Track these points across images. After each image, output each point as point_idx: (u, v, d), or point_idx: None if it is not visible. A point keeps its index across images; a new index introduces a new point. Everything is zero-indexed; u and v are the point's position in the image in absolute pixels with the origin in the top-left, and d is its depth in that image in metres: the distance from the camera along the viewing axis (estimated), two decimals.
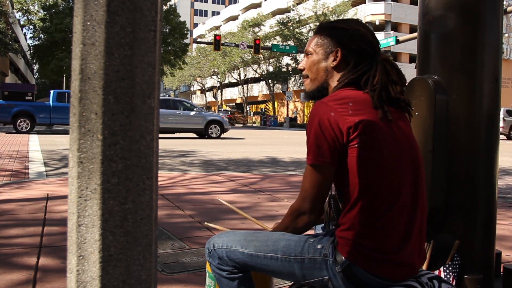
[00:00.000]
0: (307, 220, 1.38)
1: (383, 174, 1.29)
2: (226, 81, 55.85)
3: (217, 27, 69.02)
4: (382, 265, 1.29)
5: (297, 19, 40.02)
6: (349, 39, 1.43)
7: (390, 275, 1.30)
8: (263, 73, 45.23)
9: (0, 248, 2.91)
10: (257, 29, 43.63)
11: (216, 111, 46.81)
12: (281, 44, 35.28)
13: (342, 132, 1.28)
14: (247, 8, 61.74)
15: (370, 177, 1.29)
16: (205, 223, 2.05)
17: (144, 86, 0.86)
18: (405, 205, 1.31)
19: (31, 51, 37.40)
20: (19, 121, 17.21)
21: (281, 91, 45.61)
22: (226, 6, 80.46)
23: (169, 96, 77.38)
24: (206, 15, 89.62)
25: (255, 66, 46.12)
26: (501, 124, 21.73)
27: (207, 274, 1.69)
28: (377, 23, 41.45)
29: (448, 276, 1.89)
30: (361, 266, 1.29)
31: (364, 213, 1.29)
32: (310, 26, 39.42)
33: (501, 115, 21.50)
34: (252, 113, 53.65)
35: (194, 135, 18.94)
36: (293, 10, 43.13)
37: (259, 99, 53.75)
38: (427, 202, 1.43)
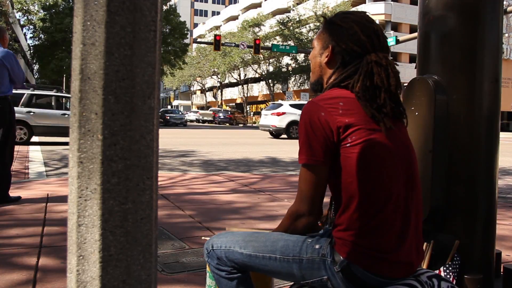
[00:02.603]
0: (306, 222, 1.37)
1: (375, 173, 1.29)
2: (226, 81, 55.88)
3: (217, 27, 69.03)
4: (380, 264, 1.29)
5: (297, 19, 40.05)
6: (340, 37, 1.40)
7: (388, 273, 1.30)
8: (263, 73, 45.25)
9: (0, 248, 2.91)
10: (257, 29, 43.65)
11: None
12: (281, 44, 35.29)
13: (333, 131, 1.28)
14: (247, 8, 61.75)
15: (362, 176, 1.29)
16: (202, 237, 2.03)
17: (144, 86, 0.86)
18: (398, 204, 1.31)
19: (31, 51, 37.42)
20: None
21: (281, 91, 45.61)
22: (226, 6, 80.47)
23: (169, 96, 77.44)
24: (206, 15, 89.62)
25: (255, 66, 46.14)
26: None
27: (207, 274, 1.69)
28: (377, 23, 41.45)
29: (448, 276, 1.89)
30: (360, 265, 1.29)
31: (358, 212, 1.29)
32: (310, 26, 39.44)
33: None
34: (252, 113, 53.64)
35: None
36: (293, 10, 43.17)
37: (259, 99, 53.74)
38: (422, 201, 1.43)
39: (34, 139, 13.09)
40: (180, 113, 37.15)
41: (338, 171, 1.31)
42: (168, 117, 33.09)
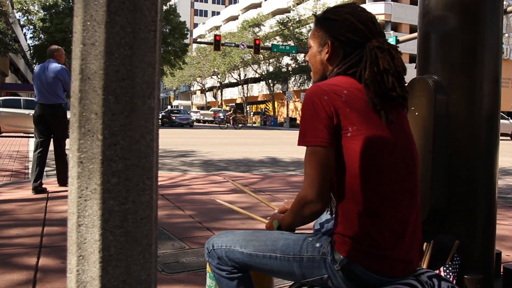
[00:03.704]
0: (313, 209, 1.33)
1: (377, 170, 1.29)
2: (226, 81, 55.85)
3: (217, 27, 69.00)
4: (380, 261, 1.29)
5: (297, 19, 40.03)
6: (337, 30, 1.40)
7: (388, 271, 1.30)
8: (263, 73, 45.23)
9: (0, 248, 2.91)
10: (257, 29, 43.62)
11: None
12: (281, 44, 35.28)
13: (333, 114, 1.28)
14: (247, 8, 61.73)
15: (363, 173, 1.28)
16: (214, 198, 2.04)
17: (144, 86, 0.86)
18: (399, 201, 1.31)
19: (31, 51, 37.40)
20: None
21: (281, 91, 45.60)
22: (226, 6, 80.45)
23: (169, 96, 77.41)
24: (206, 15, 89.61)
25: (255, 66, 46.11)
26: None
27: (208, 274, 1.69)
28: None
29: (448, 276, 1.89)
30: (360, 263, 1.29)
31: (358, 211, 1.29)
32: (310, 26, 39.39)
33: None
34: (252, 113, 53.63)
35: None
36: (293, 10, 43.14)
37: (259, 99, 53.74)
38: (420, 199, 1.43)
39: None
40: (188, 113, 36.64)
41: (340, 169, 1.31)
42: (174, 117, 32.54)
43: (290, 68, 42.06)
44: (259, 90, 53.07)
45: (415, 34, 13.58)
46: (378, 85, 1.32)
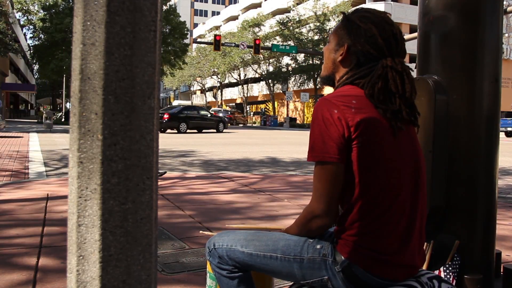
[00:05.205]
0: (321, 223, 1.32)
1: (383, 174, 1.28)
2: (226, 81, 55.84)
3: (217, 27, 69.00)
4: (382, 265, 1.28)
5: (297, 19, 40.04)
6: (357, 37, 1.38)
7: (390, 275, 1.29)
8: (263, 73, 45.23)
9: (0, 248, 2.91)
10: (257, 29, 43.63)
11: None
12: (281, 44, 35.28)
13: (345, 129, 1.26)
14: (247, 8, 61.73)
15: (369, 177, 1.28)
16: (200, 231, 2.04)
17: (144, 86, 0.86)
18: (404, 206, 1.31)
19: (31, 51, 37.43)
20: None
21: (281, 91, 45.61)
22: (226, 6, 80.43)
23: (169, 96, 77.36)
24: (206, 15, 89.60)
25: (255, 66, 46.12)
26: None
27: (208, 274, 1.69)
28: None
29: (448, 276, 1.89)
30: (361, 265, 1.28)
31: (362, 214, 1.28)
32: (310, 26, 39.43)
33: None
34: (252, 113, 53.63)
35: None
36: (293, 10, 43.15)
37: (259, 99, 53.74)
38: (426, 203, 1.43)
39: (35, 138, 13.06)
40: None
41: (346, 170, 1.30)
42: None
43: (290, 68, 42.07)
44: (259, 90, 53.07)
45: (415, 34, 13.58)
46: (382, 100, 1.31)
